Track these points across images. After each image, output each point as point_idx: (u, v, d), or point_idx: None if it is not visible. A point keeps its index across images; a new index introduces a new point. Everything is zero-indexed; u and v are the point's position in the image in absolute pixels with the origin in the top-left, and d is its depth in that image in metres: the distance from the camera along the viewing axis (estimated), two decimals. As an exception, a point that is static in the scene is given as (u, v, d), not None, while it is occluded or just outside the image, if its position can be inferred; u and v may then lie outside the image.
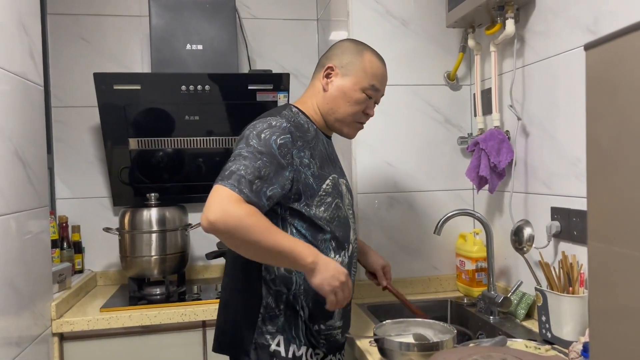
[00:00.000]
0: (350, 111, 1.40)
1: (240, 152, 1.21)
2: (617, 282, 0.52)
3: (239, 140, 1.28)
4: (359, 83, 1.39)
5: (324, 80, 1.41)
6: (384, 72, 1.45)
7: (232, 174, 1.16)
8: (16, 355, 1.49)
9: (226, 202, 1.13)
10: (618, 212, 0.51)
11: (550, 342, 1.41)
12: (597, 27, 1.36)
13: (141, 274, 2.11)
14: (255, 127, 1.27)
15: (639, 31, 0.49)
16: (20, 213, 1.55)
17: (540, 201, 1.61)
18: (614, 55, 0.51)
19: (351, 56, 1.40)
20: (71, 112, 2.34)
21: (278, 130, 1.25)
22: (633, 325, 0.51)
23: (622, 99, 0.50)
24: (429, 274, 2.03)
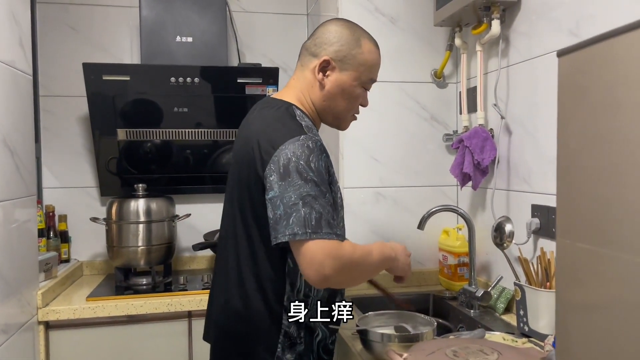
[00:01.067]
0: (349, 107, 1.32)
1: (305, 192, 1.09)
2: (581, 276, 0.55)
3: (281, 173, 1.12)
4: (359, 78, 1.28)
5: (319, 75, 1.27)
6: (380, 57, 1.34)
7: (320, 221, 1.08)
8: (2, 342, 1.50)
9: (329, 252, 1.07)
10: (583, 210, 0.54)
11: (527, 335, 1.46)
12: (578, 30, 1.40)
13: (128, 264, 2.12)
14: (296, 155, 1.12)
15: (606, 41, 0.52)
16: (8, 202, 1.56)
17: (521, 198, 1.65)
18: (584, 63, 0.54)
19: (348, 47, 1.26)
20: (59, 102, 2.33)
21: (318, 152, 1.15)
22: (594, 316, 0.54)
23: (590, 103, 0.53)
24: (413, 268, 2.06)
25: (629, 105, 0.49)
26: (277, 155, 1.13)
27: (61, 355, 1.84)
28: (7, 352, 1.53)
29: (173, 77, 2.10)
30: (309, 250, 1.07)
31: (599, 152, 0.53)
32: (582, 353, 0.58)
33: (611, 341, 0.53)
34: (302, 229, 1.07)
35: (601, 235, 0.52)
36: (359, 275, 1.20)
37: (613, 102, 0.51)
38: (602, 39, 0.53)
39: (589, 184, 0.53)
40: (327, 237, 1.07)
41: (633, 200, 0.49)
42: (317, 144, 1.16)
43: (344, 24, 1.30)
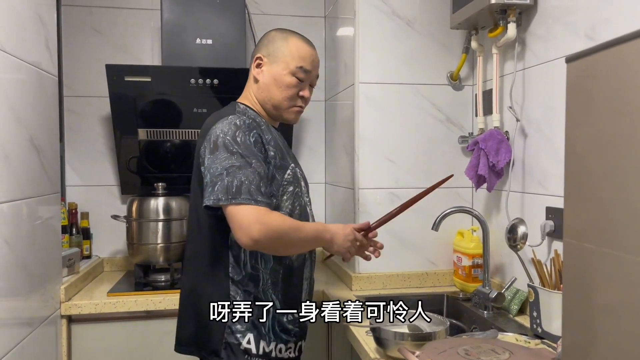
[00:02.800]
0: (284, 96, 1.45)
1: (229, 163, 1.25)
2: (586, 276, 0.57)
3: (210, 149, 1.30)
4: (287, 67, 1.43)
5: (255, 70, 1.47)
6: (312, 53, 1.49)
7: (240, 189, 1.23)
8: (27, 335, 1.55)
9: (256, 217, 1.21)
10: (589, 211, 0.56)
11: (541, 336, 1.47)
12: (594, 34, 1.40)
13: (147, 260, 2.17)
14: (224, 132, 1.30)
15: (613, 47, 0.54)
16: (33, 199, 1.62)
17: (536, 201, 1.66)
18: (591, 69, 0.56)
19: (277, 43, 1.45)
20: (82, 102, 2.40)
21: (246, 129, 1.32)
22: (599, 315, 0.56)
23: (596, 109, 0.55)
24: (427, 269, 2.09)
25: (634, 111, 0.51)
26: (210, 134, 1.32)
27: (82, 348, 1.89)
28: (32, 344, 1.58)
29: (193, 78, 2.14)
30: (236, 214, 1.22)
31: (605, 156, 0.54)
32: (587, 353, 0.60)
33: (616, 342, 0.55)
34: (225, 195, 1.22)
35: (606, 236, 0.54)
36: (289, 244, 1.32)
37: (619, 108, 0.53)
38: (610, 45, 0.55)
39: (595, 186, 0.55)
40: (247, 203, 1.21)
41: (638, 202, 0.51)
42: (246, 122, 1.33)
43: (277, 29, 1.51)
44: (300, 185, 1.48)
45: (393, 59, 2.04)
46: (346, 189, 2.19)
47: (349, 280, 2.05)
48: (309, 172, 2.61)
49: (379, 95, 2.03)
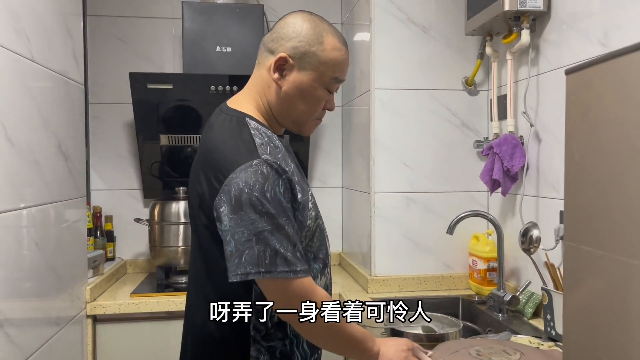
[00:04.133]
0: (309, 111, 1.18)
1: (259, 227, 1.02)
2: (584, 277, 0.60)
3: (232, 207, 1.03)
4: (320, 78, 1.14)
5: (274, 74, 1.14)
6: (348, 56, 1.19)
7: (275, 259, 1.01)
8: (55, 333, 1.62)
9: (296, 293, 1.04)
10: (587, 216, 0.59)
11: (554, 339, 1.48)
12: (607, 40, 1.42)
13: (168, 263, 2.23)
14: (249, 186, 1.02)
15: (609, 61, 0.57)
16: (61, 202, 1.68)
17: (550, 205, 1.68)
18: (588, 81, 0.59)
19: (309, 43, 1.12)
20: (106, 109, 2.47)
21: (275, 177, 1.05)
22: (598, 314, 0.59)
23: (592, 119, 0.58)
24: (442, 272, 2.11)
25: (628, 122, 0.54)
26: (228, 185, 1.03)
27: (107, 347, 1.96)
28: (59, 342, 1.65)
29: (213, 85, 2.20)
30: (270, 291, 1.05)
31: (602, 164, 0.58)
32: (586, 353, 0.62)
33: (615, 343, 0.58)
34: (255, 267, 1.01)
35: (603, 239, 0.57)
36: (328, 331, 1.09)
37: (614, 119, 0.56)
38: (607, 58, 0.58)
39: (591, 192, 0.58)
40: (284, 277, 1.01)
41: (631, 207, 0.54)
42: (273, 168, 1.05)
43: (305, 16, 1.16)
44: (318, 209, 1.23)
45: (408, 65, 2.08)
46: (362, 192, 2.22)
47: (365, 283, 2.09)
48: (326, 177, 2.67)
49: (394, 100, 2.06)
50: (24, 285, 1.41)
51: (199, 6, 2.29)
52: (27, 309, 1.43)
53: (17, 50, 1.37)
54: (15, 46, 1.36)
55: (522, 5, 1.64)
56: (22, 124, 1.39)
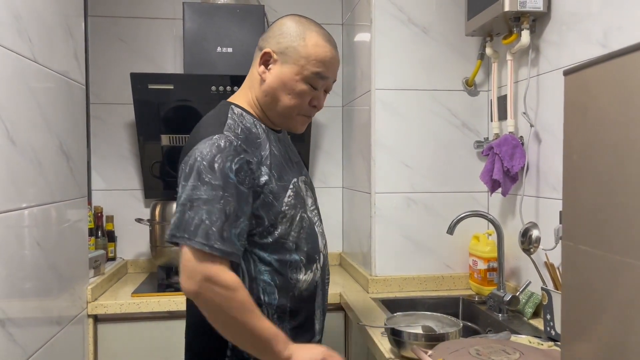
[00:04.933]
0: (291, 104, 1.23)
1: (196, 194, 1.06)
2: (582, 277, 0.61)
3: (185, 174, 1.09)
4: (300, 72, 1.20)
5: (260, 68, 1.23)
6: (333, 55, 1.24)
7: (198, 228, 1.04)
8: (56, 333, 1.63)
9: (203, 268, 1.04)
10: (584, 216, 0.59)
11: (554, 339, 1.49)
12: (607, 41, 1.42)
13: (169, 263, 2.24)
14: (202, 155, 1.09)
15: (605, 62, 0.57)
16: (62, 202, 1.69)
17: (550, 205, 1.68)
18: (586, 82, 0.60)
19: (291, 39, 1.20)
20: (107, 109, 2.48)
21: (230, 153, 1.09)
22: (595, 313, 0.60)
23: (590, 120, 0.58)
24: (442, 273, 2.11)
25: (626, 122, 0.55)
26: (188, 156, 1.12)
27: (108, 346, 1.97)
28: (61, 342, 1.65)
29: (214, 85, 2.21)
30: (183, 256, 1.06)
31: (599, 164, 0.58)
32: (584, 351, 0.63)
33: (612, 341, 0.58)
34: (181, 232, 1.05)
35: (600, 238, 0.58)
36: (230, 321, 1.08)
37: (612, 119, 0.57)
38: (605, 59, 0.59)
39: (589, 192, 0.59)
40: (200, 247, 1.03)
41: (629, 207, 0.54)
42: (232, 144, 1.10)
43: (294, 18, 1.25)
44: (305, 204, 1.27)
45: (409, 65, 2.08)
46: (363, 193, 2.23)
47: (365, 283, 2.09)
48: (327, 177, 2.68)
49: (395, 101, 2.07)
50: (26, 284, 1.42)
51: (200, 7, 2.30)
52: (29, 309, 1.44)
53: (20, 51, 1.38)
54: (18, 47, 1.37)
55: (522, 6, 1.65)
56: (24, 125, 1.40)
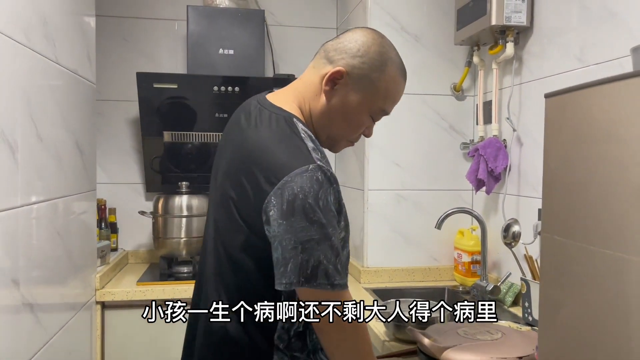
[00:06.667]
0: (345, 131, 1.16)
1: (307, 236, 0.97)
2: (558, 263, 0.75)
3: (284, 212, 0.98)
4: (368, 105, 1.12)
5: (326, 85, 1.10)
6: (402, 89, 1.18)
7: (317, 269, 0.98)
8: (70, 318, 1.74)
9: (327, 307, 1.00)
10: (560, 212, 0.74)
11: (531, 324, 1.64)
12: (582, 56, 1.58)
13: (171, 253, 2.35)
14: (304, 191, 0.98)
15: (577, 91, 0.72)
16: (77, 195, 1.80)
17: (530, 203, 1.84)
18: (563, 105, 0.74)
19: (370, 67, 1.09)
20: (110, 106, 2.58)
21: (328, 184, 1.01)
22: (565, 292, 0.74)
23: (564, 136, 0.72)
24: (429, 265, 2.27)
25: (593, 139, 0.69)
26: (281, 188, 0.98)
27: (114, 331, 2.08)
28: (74, 326, 1.76)
29: (216, 86, 2.32)
30: (307, 299, 1.01)
31: (571, 170, 0.72)
32: (561, 338, 0.77)
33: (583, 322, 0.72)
34: (297, 277, 0.98)
35: (572, 230, 0.72)
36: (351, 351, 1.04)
37: (581, 136, 0.71)
38: (578, 88, 0.73)
39: (564, 193, 0.73)
40: (321, 288, 0.98)
41: (595, 205, 0.68)
42: (327, 175, 1.01)
43: (376, 38, 1.12)
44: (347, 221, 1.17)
45: (401, 70, 2.22)
46: (356, 190, 2.37)
47: (357, 274, 2.23)
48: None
49: (387, 104, 2.20)
50: (49, 272, 1.53)
51: (204, 10, 2.40)
52: (50, 294, 1.55)
53: (46, 55, 1.48)
54: (45, 51, 1.47)
55: (507, 21, 1.80)
56: (48, 123, 1.50)
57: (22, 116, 1.32)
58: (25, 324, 1.36)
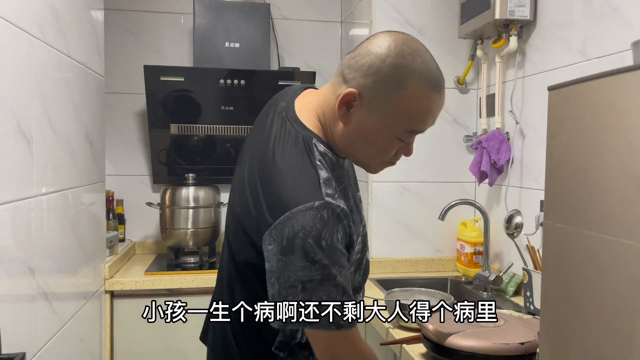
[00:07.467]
0: (374, 157, 1.05)
1: (307, 275, 0.91)
2: (559, 249, 0.78)
3: (282, 248, 0.92)
4: (389, 127, 0.98)
5: (339, 109, 0.99)
6: (436, 102, 1.01)
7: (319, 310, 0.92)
8: (82, 306, 1.77)
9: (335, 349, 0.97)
10: (561, 200, 0.77)
11: (532, 313, 1.68)
12: (585, 49, 1.61)
13: (178, 244, 2.39)
14: (305, 229, 0.91)
15: (579, 84, 0.75)
16: (88, 186, 1.83)
17: (532, 194, 1.87)
18: (565, 98, 0.77)
19: (384, 85, 0.95)
20: (117, 98, 2.60)
21: (334, 222, 0.93)
22: (566, 277, 0.77)
23: (567, 127, 0.76)
24: (432, 256, 2.30)
25: (593, 130, 0.72)
26: (282, 224, 0.91)
27: (123, 320, 2.12)
28: (84, 314, 1.80)
29: (222, 79, 2.35)
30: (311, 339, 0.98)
31: (573, 160, 0.76)
32: (564, 324, 0.81)
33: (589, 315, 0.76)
34: (297, 317, 0.92)
35: (573, 217, 0.75)
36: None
37: (583, 127, 0.74)
38: (580, 81, 0.76)
39: (566, 182, 0.76)
40: (326, 329, 0.92)
41: (595, 193, 0.72)
42: (335, 213, 0.93)
43: (394, 47, 0.95)
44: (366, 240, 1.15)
45: (405, 64, 2.24)
46: (361, 182, 2.39)
47: (362, 265, 2.27)
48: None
49: (392, 97, 2.23)
50: (62, 261, 1.56)
51: (210, 3, 2.43)
52: (63, 283, 1.59)
53: (59, 48, 1.51)
54: (58, 44, 1.50)
55: (511, 15, 1.82)
56: (61, 115, 1.54)
57: (37, 108, 1.35)
58: (40, 311, 1.39)
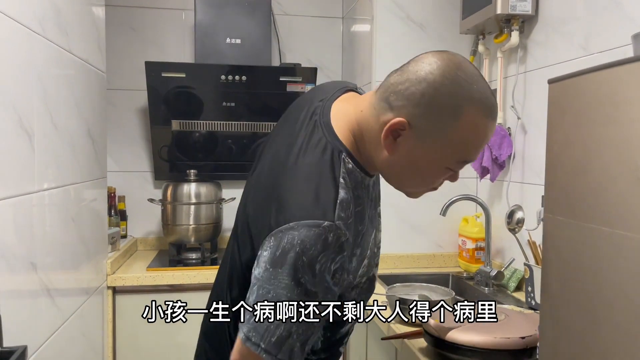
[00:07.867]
0: (420, 186, 1.00)
1: (286, 296, 0.85)
2: (559, 241, 0.78)
3: (274, 258, 0.85)
4: (441, 159, 0.92)
5: (386, 138, 0.91)
6: (490, 129, 0.92)
7: (283, 343, 0.86)
8: (84, 302, 1.78)
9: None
10: (561, 193, 0.77)
11: (534, 308, 1.68)
12: (587, 44, 1.60)
13: (180, 240, 2.40)
14: (304, 246, 0.84)
15: (579, 77, 0.74)
16: (89, 182, 1.83)
17: (534, 190, 1.87)
18: (565, 90, 0.77)
19: (439, 116, 0.88)
20: (119, 94, 2.61)
21: (335, 251, 0.87)
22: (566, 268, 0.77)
23: (567, 120, 0.75)
24: (434, 251, 2.30)
25: (594, 123, 0.72)
26: (283, 232, 0.86)
27: (125, 315, 2.13)
28: (87, 310, 1.81)
29: (223, 75, 2.35)
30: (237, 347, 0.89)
31: (573, 153, 0.75)
32: (563, 316, 0.81)
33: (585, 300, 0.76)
34: (259, 338, 0.85)
35: (572, 210, 0.75)
36: None
37: (583, 120, 0.74)
38: (581, 73, 0.76)
39: (566, 175, 0.76)
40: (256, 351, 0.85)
41: (595, 187, 0.72)
42: (339, 241, 0.87)
43: (448, 73, 0.88)
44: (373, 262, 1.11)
45: (407, 58, 2.21)
46: (362, 177, 2.40)
47: (363, 260, 2.27)
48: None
49: (393, 92, 2.23)
50: (64, 257, 1.57)
51: (211, 0, 2.43)
52: (65, 279, 1.59)
53: (60, 44, 1.52)
54: (58, 40, 1.50)
55: (512, 9, 1.82)
56: (62, 111, 1.54)
57: (38, 104, 1.36)
58: (43, 307, 1.40)
